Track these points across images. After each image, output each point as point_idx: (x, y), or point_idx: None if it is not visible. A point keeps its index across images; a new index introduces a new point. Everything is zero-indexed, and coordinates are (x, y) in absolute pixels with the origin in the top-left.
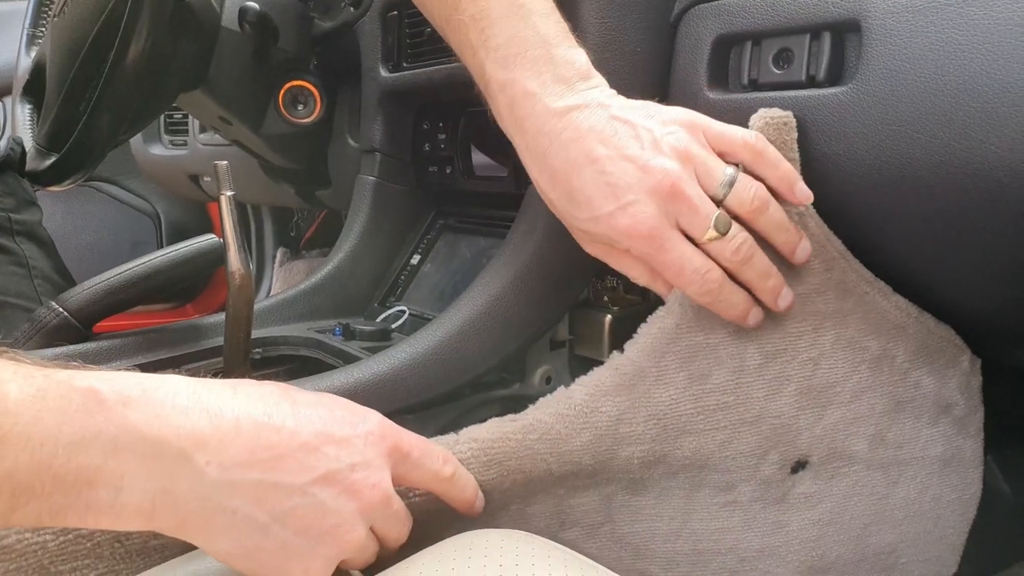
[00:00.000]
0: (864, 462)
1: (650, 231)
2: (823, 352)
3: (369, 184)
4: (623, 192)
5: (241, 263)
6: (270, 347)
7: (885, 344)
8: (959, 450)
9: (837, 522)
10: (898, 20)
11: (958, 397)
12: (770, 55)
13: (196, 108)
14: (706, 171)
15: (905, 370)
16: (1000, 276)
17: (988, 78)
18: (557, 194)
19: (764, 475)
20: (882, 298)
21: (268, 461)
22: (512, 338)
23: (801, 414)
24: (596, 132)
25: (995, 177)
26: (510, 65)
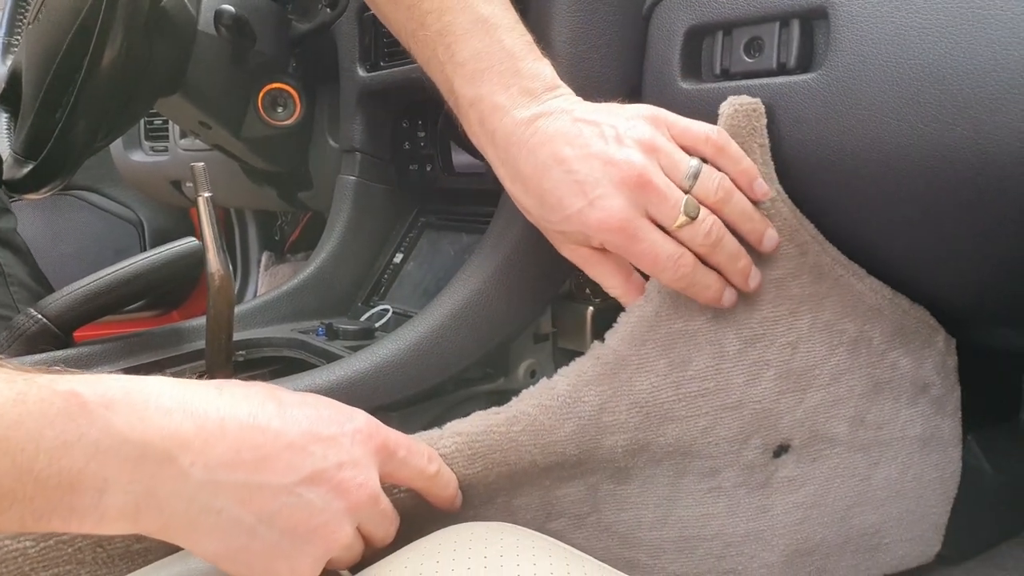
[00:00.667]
0: (845, 444)
1: (621, 222)
2: (801, 336)
3: (350, 184)
4: (591, 187)
5: (221, 264)
6: (253, 349)
7: (862, 326)
8: (938, 429)
9: (820, 504)
10: (864, 6)
11: (935, 377)
12: (741, 44)
13: (175, 113)
14: (671, 163)
15: (882, 351)
16: (969, 257)
17: (952, 62)
18: (530, 200)
19: (747, 460)
20: (856, 280)
21: (254, 462)
22: (495, 332)
23: (782, 398)
24: (562, 135)
25: (961, 159)
26: (477, 80)
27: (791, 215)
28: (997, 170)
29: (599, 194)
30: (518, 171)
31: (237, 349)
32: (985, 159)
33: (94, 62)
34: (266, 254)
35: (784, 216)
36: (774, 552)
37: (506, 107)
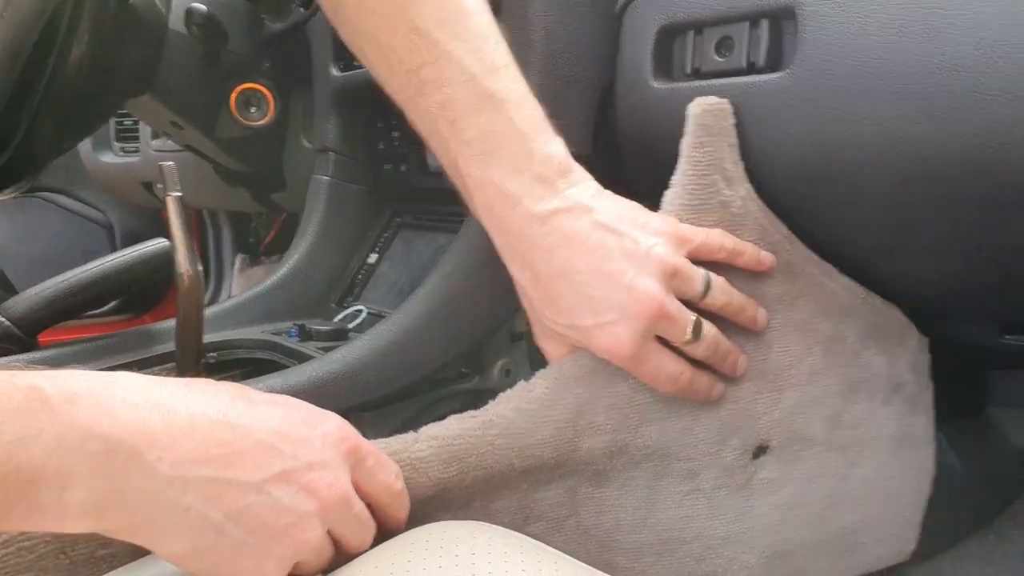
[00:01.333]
0: (823, 444)
1: (630, 352)
2: (775, 336)
3: (323, 184)
4: (605, 310)
5: (189, 264)
6: (225, 351)
7: (835, 326)
8: (912, 428)
9: (799, 505)
10: (831, 7)
11: (908, 376)
12: (712, 43)
13: (146, 113)
14: (686, 280)
15: (857, 351)
16: (936, 253)
17: (915, 61)
18: (538, 295)
19: (726, 461)
20: (829, 280)
21: (222, 458)
22: (469, 331)
23: (759, 398)
24: (580, 241)
25: (925, 156)
26: (485, 163)
27: (761, 214)
28: (960, 167)
29: (611, 320)
30: (528, 265)
31: (208, 351)
32: (949, 156)
33: (60, 61)
34: (240, 256)
35: (754, 215)
36: (753, 554)
37: (518, 196)
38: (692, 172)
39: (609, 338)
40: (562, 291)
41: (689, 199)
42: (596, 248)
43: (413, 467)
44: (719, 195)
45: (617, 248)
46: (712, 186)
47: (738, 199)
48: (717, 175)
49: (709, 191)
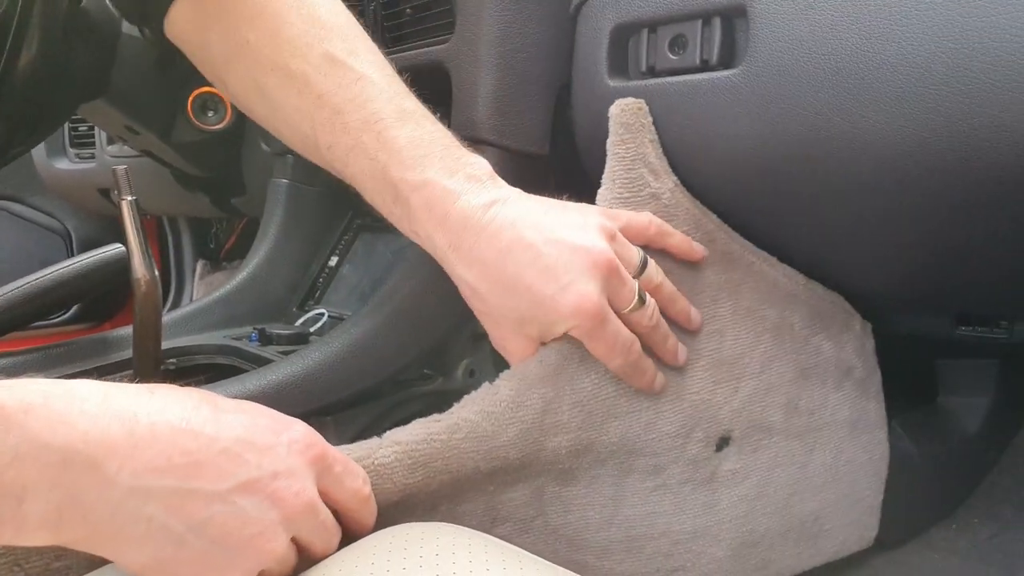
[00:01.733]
0: (782, 432)
1: (595, 306)
2: (725, 324)
3: (282, 187)
4: (563, 273)
5: (146, 269)
6: (184, 357)
7: (781, 312)
8: (864, 412)
9: (763, 496)
10: (780, 4)
11: (856, 360)
12: (666, 42)
13: (101, 118)
14: (625, 252)
15: (805, 337)
16: (889, 247)
17: (863, 56)
18: (489, 286)
19: (691, 455)
20: (769, 267)
21: (185, 467)
22: (430, 332)
23: (717, 388)
24: (523, 220)
25: (873, 150)
26: (419, 166)
27: (692, 204)
28: (906, 160)
29: (571, 279)
30: (475, 256)
31: (167, 357)
32: (896, 151)
33: (9, 65)
34: (201, 262)
35: (685, 206)
36: (721, 547)
37: (457, 191)
38: (619, 167)
39: (574, 296)
40: (515, 270)
41: (620, 192)
42: (539, 222)
43: (378, 473)
44: (647, 187)
45: (560, 221)
46: (640, 179)
47: (667, 191)
48: (643, 168)
49: (638, 184)
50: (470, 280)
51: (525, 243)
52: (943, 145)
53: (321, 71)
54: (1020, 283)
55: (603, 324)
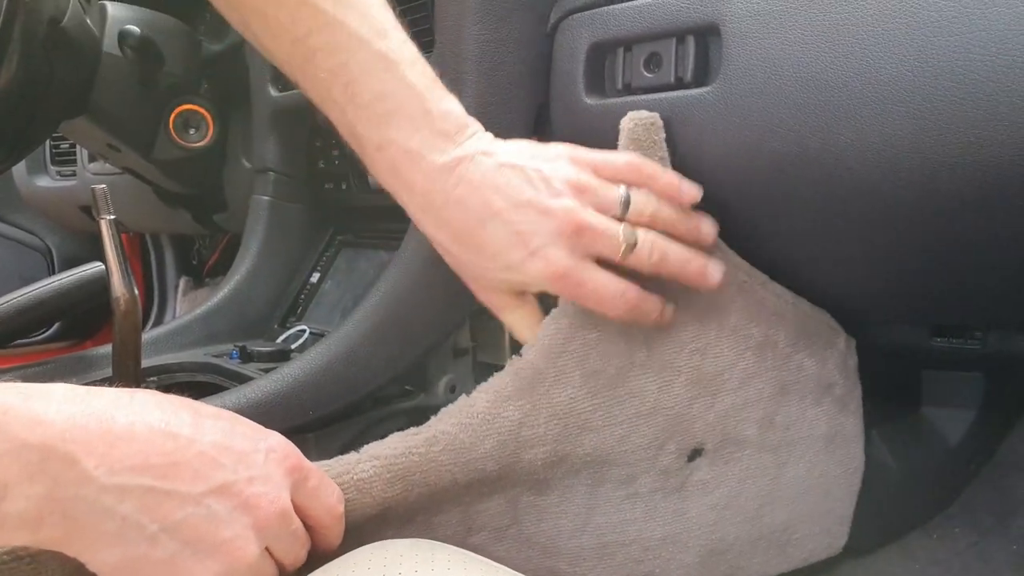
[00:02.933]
0: (755, 445)
1: (565, 270)
2: (709, 342)
3: (263, 204)
4: (531, 238)
5: (125, 287)
6: (165, 375)
7: (766, 331)
8: (842, 427)
9: (733, 505)
10: (752, 23)
11: (838, 377)
12: (641, 60)
13: (82, 136)
14: (601, 197)
15: (788, 354)
16: (865, 260)
17: (833, 73)
18: (460, 248)
19: (663, 465)
20: (759, 286)
21: (162, 467)
22: (410, 347)
23: (694, 403)
24: (489, 183)
25: (846, 165)
26: (384, 124)
27: None
28: (876, 175)
29: (539, 244)
30: (443, 219)
31: (148, 375)
32: (866, 165)
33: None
34: (184, 279)
35: None
36: (690, 553)
37: (420, 152)
38: None
39: (541, 262)
40: (485, 236)
41: None
42: (506, 186)
43: (357, 488)
44: None
45: (524, 180)
46: None
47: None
48: None
49: None
50: (442, 241)
51: (492, 210)
52: (911, 161)
53: (294, 15)
54: (992, 295)
55: (580, 284)
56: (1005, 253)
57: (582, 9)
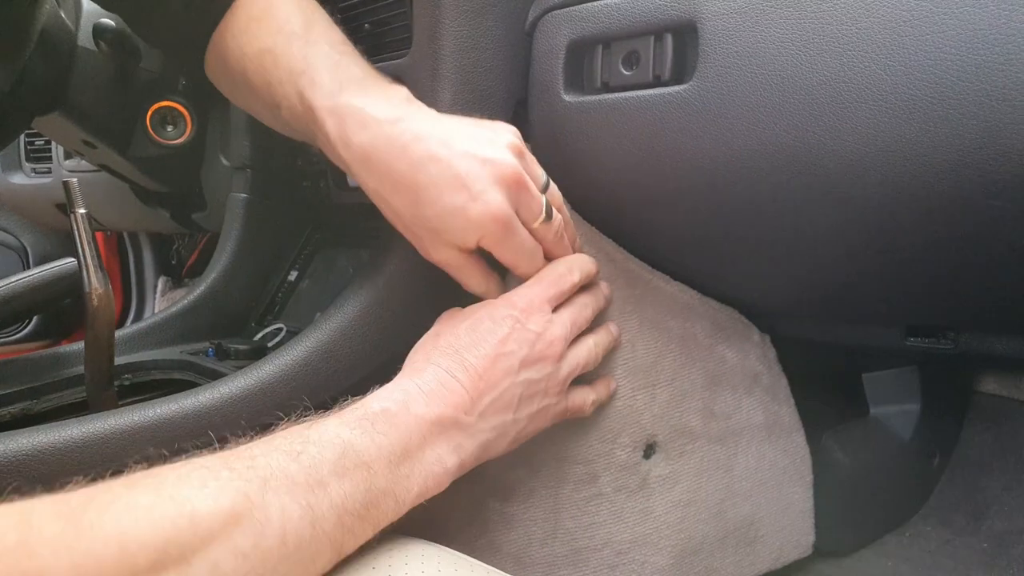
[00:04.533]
0: (703, 436)
1: (504, 214)
2: (635, 335)
3: (241, 201)
4: (473, 182)
5: (99, 283)
6: (139, 372)
7: (683, 323)
8: (778, 416)
9: (695, 502)
10: (729, 21)
11: (761, 367)
12: (619, 58)
13: (57, 132)
14: (532, 169)
15: (709, 346)
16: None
17: (807, 72)
18: (401, 198)
19: (620, 461)
20: (665, 283)
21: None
22: (387, 344)
23: (636, 394)
24: (433, 135)
25: (821, 164)
26: (338, 93)
27: (590, 230)
28: (849, 174)
29: (481, 189)
30: (385, 170)
31: (122, 373)
32: (839, 164)
33: None
34: (163, 279)
35: (583, 229)
36: (663, 555)
37: (366, 108)
38: None
39: (482, 205)
40: (426, 180)
41: None
42: (449, 137)
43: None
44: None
45: (468, 132)
46: None
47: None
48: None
49: None
50: (383, 192)
51: (436, 156)
52: (882, 160)
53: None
54: (964, 296)
55: (512, 232)
56: (977, 255)
57: (560, 7)
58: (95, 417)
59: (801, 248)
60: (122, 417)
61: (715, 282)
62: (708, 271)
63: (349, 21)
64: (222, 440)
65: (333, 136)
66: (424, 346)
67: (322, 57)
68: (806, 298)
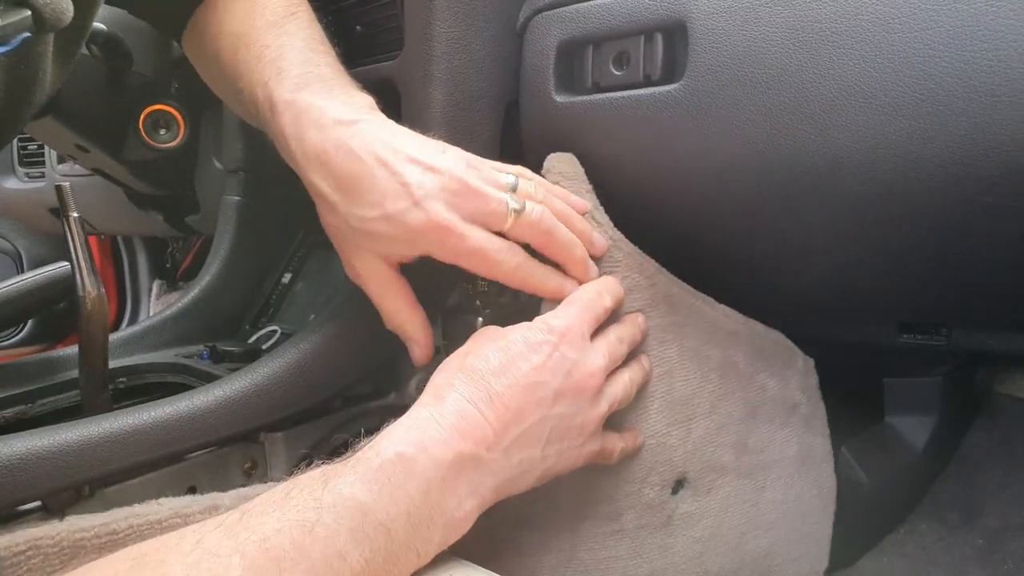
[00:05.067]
0: (733, 471)
1: (445, 222)
2: (673, 365)
3: (234, 204)
4: (415, 189)
5: (92, 286)
6: (134, 376)
7: (724, 351)
8: (811, 447)
9: (717, 536)
10: (718, 20)
11: (800, 396)
12: (610, 58)
13: (50, 136)
14: (489, 176)
15: (749, 375)
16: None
17: (796, 71)
18: (342, 196)
19: (647, 499)
20: (709, 308)
21: None
22: (380, 346)
23: (672, 430)
24: (383, 140)
25: (810, 162)
26: (300, 89)
27: (633, 250)
28: (839, 171)
29: (423, 195)
30: (332, 168)
31: (116, 376)
32: (828, 161)
33: None
34: (157, 282)
35: (626, 250)
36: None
37: (324, 108)
38: None
39: (422, 214)
40: (369, 184)
41: None
42: (400, 145)
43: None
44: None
45: (417, 144)
46: None
47: (608, 238)
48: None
49: None
50: (324, 189)
51: (382, 160)
52: (872, 156)
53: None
54: (956, 292)
55: (461, 239)
56: (968, 250)
57: (551, 7)
58: (89, 421)
59: (792, 245)
60: (116, 420)
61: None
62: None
63: (340, 23)
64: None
65: (288, 131)
66: (449, 367)
67: (294, 51)
68: (797, 295)
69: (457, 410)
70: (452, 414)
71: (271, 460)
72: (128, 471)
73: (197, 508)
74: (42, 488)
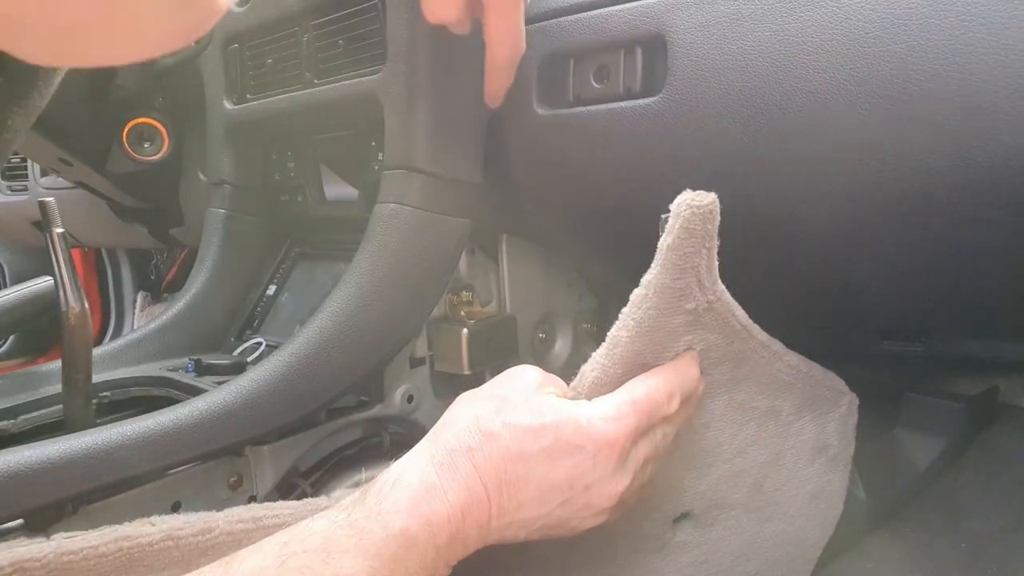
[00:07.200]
0: (741, 508)
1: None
2: (713, 418)
3: (219, 216)
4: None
5: (75, 301)
6: (118, 389)
7: (772, 401)
8: (828, 484)
9: (710, 561)
10: (697, 35)
11: (834, 439)
12: (591, 71)
13: (32, 150)
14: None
15: (789, 422)
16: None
17: (772, 83)
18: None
19: (645, 530)
20: (776, 359)
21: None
22: (365, 358)
23: (687, 474)
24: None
25: (788, 171)
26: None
27: (726, 310)
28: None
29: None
30: None
31: (101, 391)
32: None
33: None
34: (141, 294)
35: (718, 312)
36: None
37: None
38: (666, 276)
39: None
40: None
41: (656, 302)
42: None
43: None
44: (690, 301)
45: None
46: (685, 291)
47: (705, 302)
48: (692, 279)
49: (681, 296)
50: None
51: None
52: (853, 167)
53: None
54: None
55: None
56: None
57: (533, 21)
58: (72, 436)
59: (774, 254)
60: (100, 435)
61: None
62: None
63: (323, 37)
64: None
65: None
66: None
67: None
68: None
69: (468, 487)
70: (462, 491)
71: (257, 473)
72: (112, 487)
73: (190, 531)
74: (24, 505)
